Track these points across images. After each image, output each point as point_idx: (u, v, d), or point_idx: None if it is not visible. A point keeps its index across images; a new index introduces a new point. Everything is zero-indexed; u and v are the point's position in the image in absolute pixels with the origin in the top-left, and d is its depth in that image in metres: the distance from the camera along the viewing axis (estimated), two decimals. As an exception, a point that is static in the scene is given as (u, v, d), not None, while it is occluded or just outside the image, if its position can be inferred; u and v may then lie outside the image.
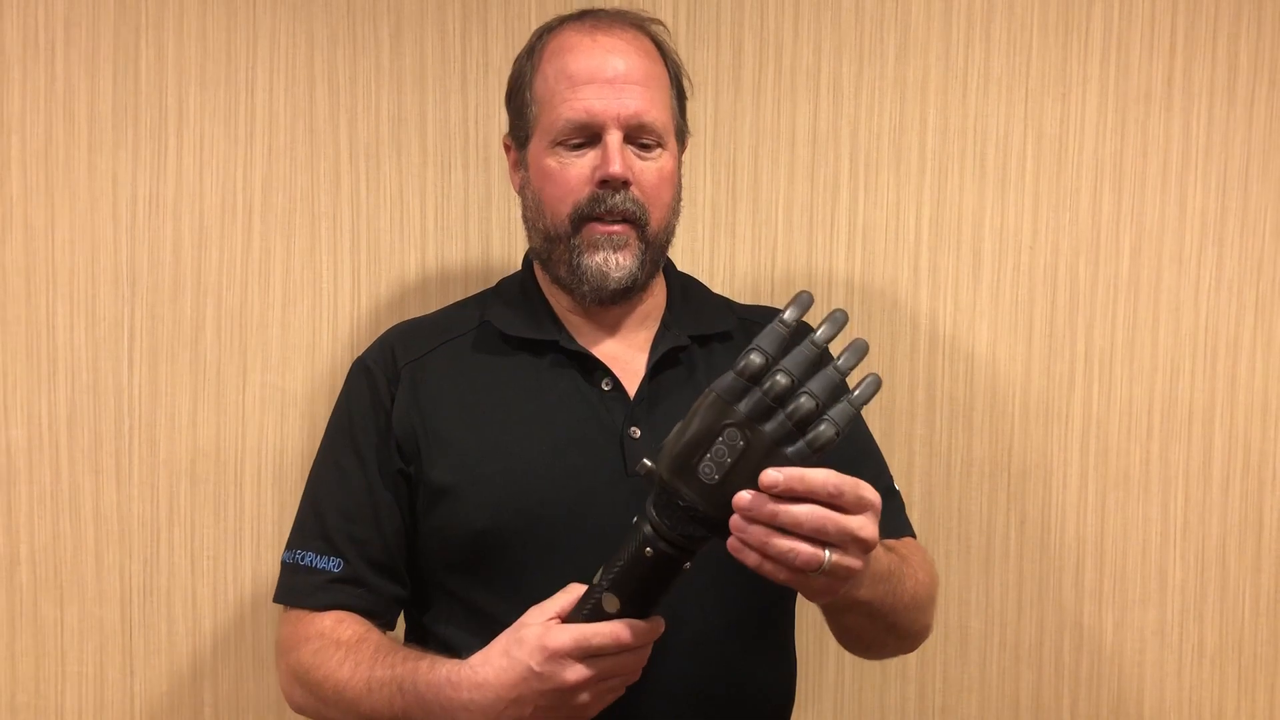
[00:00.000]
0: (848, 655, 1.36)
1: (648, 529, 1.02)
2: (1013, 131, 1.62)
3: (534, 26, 1.57)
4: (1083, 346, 1.64)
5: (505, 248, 1.62)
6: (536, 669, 1.05)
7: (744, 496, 0.96)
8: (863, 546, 1.00)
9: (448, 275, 1.62)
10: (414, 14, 1.59)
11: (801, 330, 1.00)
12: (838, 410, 0.96)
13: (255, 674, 1.61)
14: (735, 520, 0.97)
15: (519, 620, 1.09)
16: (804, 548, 0.97)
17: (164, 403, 1.58)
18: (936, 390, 1.65)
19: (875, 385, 0.99)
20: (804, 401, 0.96)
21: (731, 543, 0.98)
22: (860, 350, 1.00)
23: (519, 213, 1.59)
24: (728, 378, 0.98)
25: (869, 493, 1.00)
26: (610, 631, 1.04)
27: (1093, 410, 1.65)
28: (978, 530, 1.66)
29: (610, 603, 1.05)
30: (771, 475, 0.96)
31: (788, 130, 1.63)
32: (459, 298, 1.57)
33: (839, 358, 0.99)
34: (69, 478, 1.58)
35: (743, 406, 0.97)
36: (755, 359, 0.97)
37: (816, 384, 0.97)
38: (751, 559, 0.98)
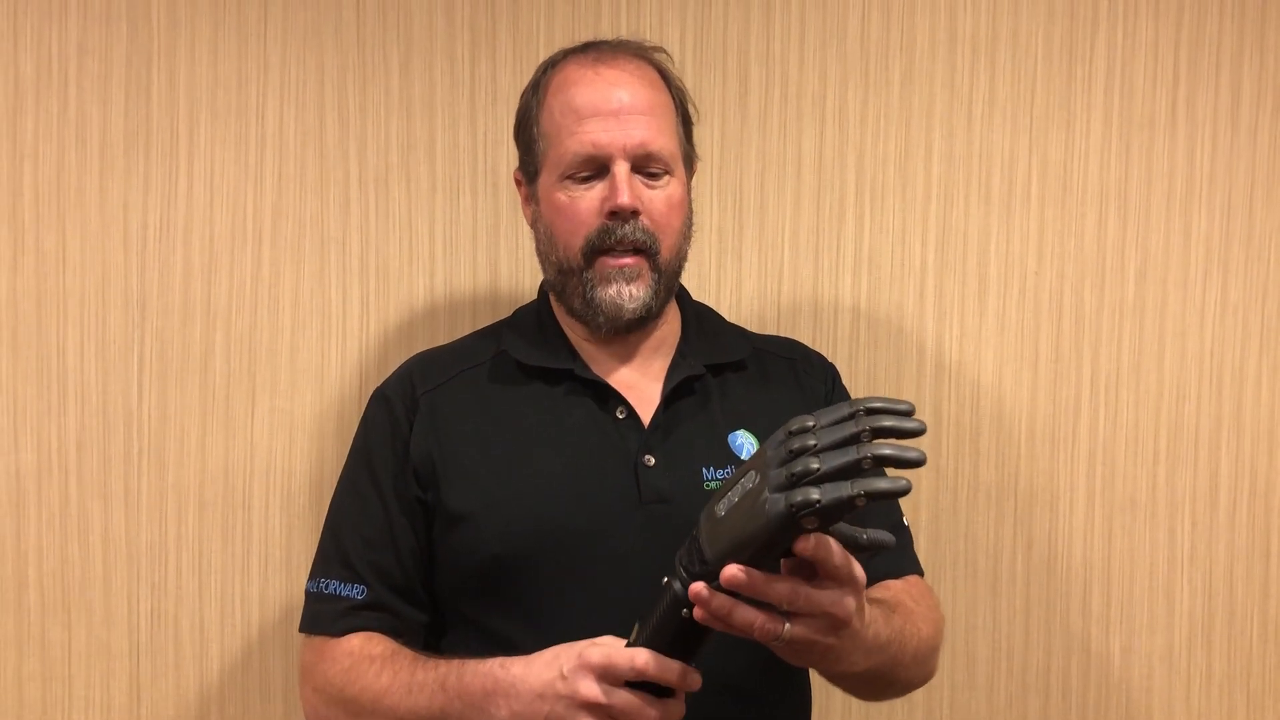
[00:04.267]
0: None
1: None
2: (1017, 158, 1.63)
3: (542, 53, 1.59)
4: (1089, 371, 1.64)
5: (513, 273, 1.63)
6: (565, 673, 1.06)
7: (734, 572, 0.95)
8: (833, 623, 0.99)
9: (456, 301, 1.63)
10: (423, 42, 1.61)
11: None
12: (832, 486, 0.91)
13: (262, 698, 1.61)
14: (696, 589, 0.97)
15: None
16: (762, 619, 0.97)
17: (173, 427, 1.59)
18: (943, 415, 1.65)
19: (897, 487, 0.91)
20: (808, 461, 0.93)
21: (697, 613, 0.98)
22: (904, 458, 0.91)
23: (527, 239, 1.60)
24: (779, 432, 0.98)
25: (857, 570, 0.99)
26: (629, 655, 1.03)
27: (1099, 435, 1.65)
28: (984, 555, 1.66)
29: (633, 632, 1.06)
30: (733, 571, 0.95)
31: (794, 157, 1.63)
32: (467, 323, 1.58)
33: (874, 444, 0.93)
34: (78, 501, 1.58)
35: (770, 454, 0.96)
36: (806, 420, 0.96)
37: (831, 453, 0.93)
38: (714, 623, 0.98)
